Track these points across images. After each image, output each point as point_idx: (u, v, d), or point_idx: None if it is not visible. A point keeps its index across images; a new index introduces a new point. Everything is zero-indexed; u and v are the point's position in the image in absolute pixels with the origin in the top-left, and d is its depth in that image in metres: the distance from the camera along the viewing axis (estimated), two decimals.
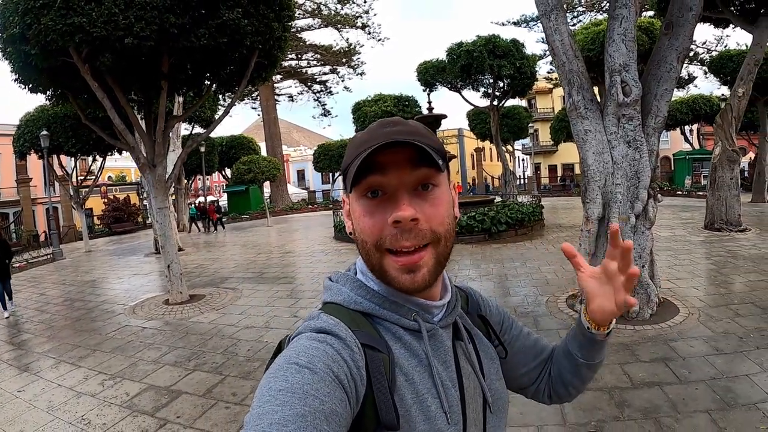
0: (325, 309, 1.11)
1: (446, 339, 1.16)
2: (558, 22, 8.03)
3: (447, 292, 1.21)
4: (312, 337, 0.96)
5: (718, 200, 17.09)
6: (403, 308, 1.10)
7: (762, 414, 4.80)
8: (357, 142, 1.08)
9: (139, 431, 5.42)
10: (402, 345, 1.07)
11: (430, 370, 1.06)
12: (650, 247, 8.08)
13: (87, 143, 22.34)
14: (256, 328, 9.14)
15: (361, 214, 1.06)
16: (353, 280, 1.15)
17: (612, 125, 7.89)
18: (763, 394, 5.20)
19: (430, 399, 1.03)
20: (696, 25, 7.97)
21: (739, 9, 17.74)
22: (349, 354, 0.95)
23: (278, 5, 10.73)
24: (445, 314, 1.17)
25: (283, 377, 0.84)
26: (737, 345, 6.67)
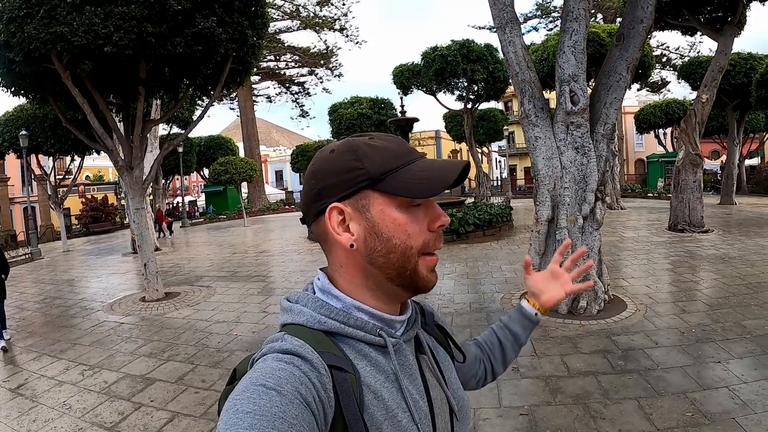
0: (287, 330, 1.09)
1: (410, 353, 1.18)
2: (512, 35, 8.54)
3: (407, 306, 1.24)
4: (278, 358, 0.96)
5: (681, 202, 17.71)
6: (368, 324, 1.10)
7: (690, 402, 5.24)
8: (391, 152, 1.09)
9: (117, 413, 5.87)
10: (368, 362, 1.08)
11: (398, 384, 1.07)
12: (598, 246, 8.60)
13: (66, 143, 22.62)
14: (227, 322, 9.59)
15: (407, 221, 1.08)
16: (314, 299, 1.13)
17: (561, 132, 8.42)
18: (695, 384, 5.67)
19: (401, 414, 1.04)
20: (646, 38, 8.51)
21: (705, 17, 18.35)
22: (316, 376, 0.95)
23: (253, 14, 11.11)
24: (406, 328, 1.20)
25: (250, 399, 0.84)
26: (677, 339, 7.18)
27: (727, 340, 7.00)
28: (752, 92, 23.69)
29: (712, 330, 7.47)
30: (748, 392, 5.39)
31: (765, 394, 5.31)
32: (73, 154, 25.32)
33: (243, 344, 8.24)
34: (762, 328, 7.38)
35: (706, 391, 5.51)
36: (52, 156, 25.39)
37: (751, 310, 8.30)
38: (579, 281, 1.56)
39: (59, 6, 8.73)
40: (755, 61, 25.52)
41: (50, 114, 17.74)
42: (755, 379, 5.72)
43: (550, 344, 7.30)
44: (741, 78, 25.86)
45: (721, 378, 5.80)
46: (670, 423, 4.86)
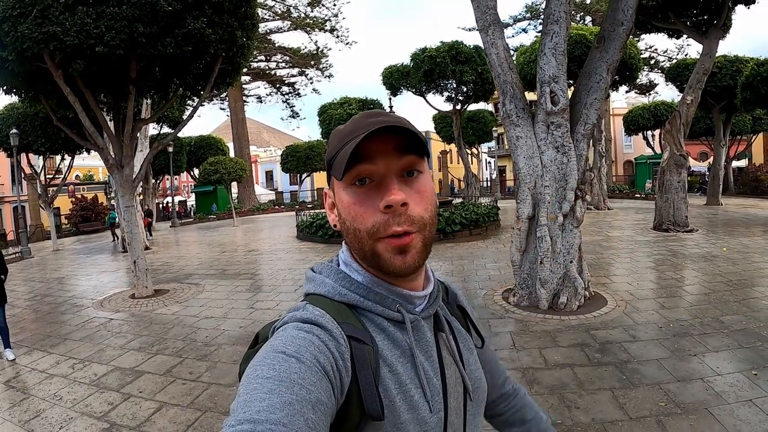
0: (309, 300, 1.13)
1: (428, 330, 1.17)
2: (495, 37, 8.73)
3: (429, 282, 1.23)
4: (298, 327, 0.99)
5: (666, 202, 17.99)
6: (387, 299, 1.12)
7: (664, 393, 5.43)
8: (342, 134, 1.10)
9: (106, 404, 6.01)
10: (386, 336, 1.10)
11: (413, 360, 1.09)
12: (578, 244, 8.80)
13: (56, 142, 22.67)
14: (215, 318, 9.73)
15: (351, 202, 1.08)
16: (337, 271, 1.17)
17: (542, 132, 8.62)
18: (670, 376, 5.85)
19: (414, 389, 1.05)
20: (626, 40, 8.70)
21: (691, 20, 18.61)
22: (335, 345, 0.97)
23: (242, 14, 11.25)
24: (427, 305, 1.20)
25: (270, 365, 0.87)
26: (655, 334, 7.38)
27: (705, 334, 7.20)
28: (738, 94, 23.90)
29: (690, 325, 7.66)
30: (722, 384, 5.57)
31: (738, 386, 5.49)
32: (63, 153, 25.33)
33: (230, 338, 8.38)
34: (739, 323, 7.59)
35: (680, 382, 5.68)
36: (42, 155, 25.36)
37: (729, 306, 8.51)
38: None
39: (52, 6, 8.86)
40: (741, 64, 25.80)
41: (41, 113, 17.81)
42: (729, 371, 5.90)
43: (529, 338, 7.50)
44: (727, 80, 26.18)
45: (696, 370, 5.99)
46: (643, 412, 5.04)
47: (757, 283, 10.14)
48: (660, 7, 17.74)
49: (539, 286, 8.78)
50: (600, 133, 28.78)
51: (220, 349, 7.88)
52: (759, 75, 21.15)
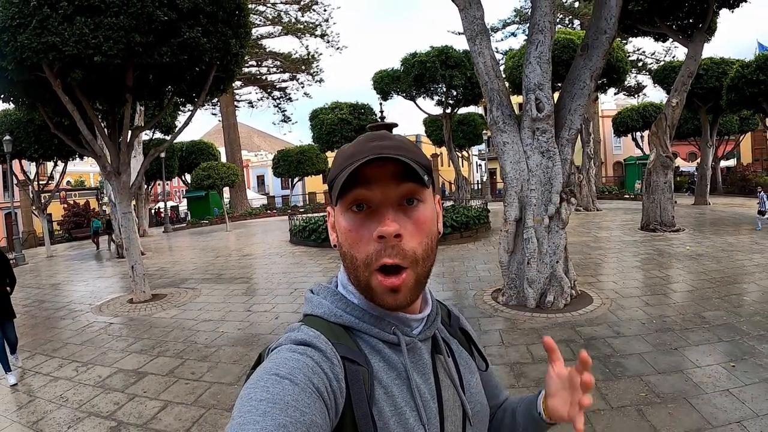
0: (305, 321, 1.13)
1: (425, 352, 1.17)
2: (482, 46, 9.00)
3: (427, 305, 1.23)
4: (292, 349, 0.99)
5: (653, 203, 18.32)
6: (383, 322, 1.12)
7: (645, 384, 5.73)
8: (344, 155, 1.09)
9: (112, 404, 6.23)
10: (381, 358, 1.09)
11: (408, 383, 1.07)
12: (564, 244, 9.10)
13: (49, 148, 22.70)
14: (213, 321, 9.95)
15: (347, 228, 1.07)
16: (333, 293, 1.17)
17: (527, 137, 8.90)
18: (651, 369, 6.16)
19: (409, 412, 1.04)
20: (609, 48, 8.97)
21: (677, 24, 18.92)
22: (329, 366, 0.98)
23: (236, 23, 11.49)
24: (424, 327, 1.19)
25: (263, 388, 0.87)
26: (638, 329, 7.69)
27: (686, 329, 7.50)
28: (723, 96, 24.22)
29: (672, 321, 7.98)
30: (701, 375, 5.88)
31: (716, 377, 5.80)
32: (56, 159, 25.35)
33: (229, 340, 8.60)
34: (720, 319, 7.91)
35: (661, 374, 5.98)
36: (35, 161, 25.43)
37: (712, 303, 8.85)
38: None
39: (51, 16, 9.06)
40: (726, 66, 26.16)
41: (37, 119, 17.90)
42: (708, 364, 6.21)
43: (517, 335, 7.80)
44: (713, 82, 26.56)
45: (677, 363, 6.30)
46: (624, 402, 5.33)
47: (739, 280, 10.47)
48: (646, 11, 17.97)
49: (527, 286, 9.06)
50: (588, 135, 29.15)
51: (221, 350, 8.10)
52: (743, 77, 21.47)
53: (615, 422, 4.98)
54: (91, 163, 52.88)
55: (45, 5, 9.06)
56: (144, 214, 32.76)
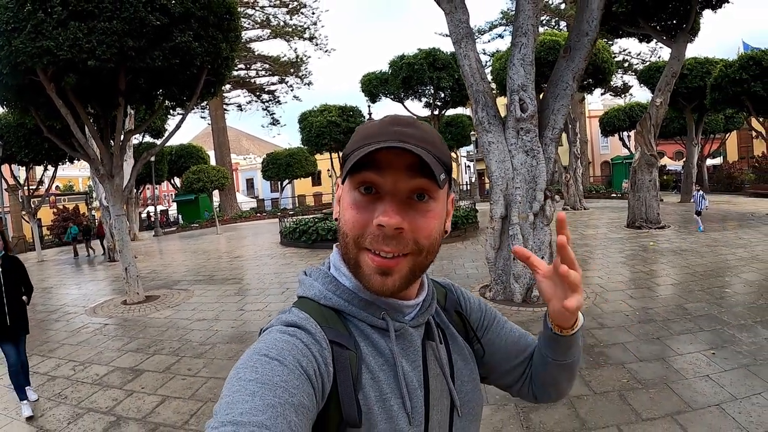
0: (297, 303, 1.12)
1: (416, 338, 1.14)
2: (467, 49, 9.21)
3: (423, 290, 1.19)
4: (282, 330, 0.98)
5: (638, 201, 18.61)
6: (372, 306, 1.09)
7: (627, 371, 5.97)
8: (364, 134, 1.05)
9: (111, 400, 6.39)
10: (369, 343, 1.08)
11: (396, 369, 1.06)
12: (548, 241, 9.32)
13: (39, 152, 22.64)
14: (207, 320, 10.12)
15: (348, 205, 1.05)
16: (325, 274, 1.15)
17: (512, 137, 9.12)
18: (633, 357, 6.41)
19: (394, 399, 1.03)
20: (591, 49, 9.20)
21: (661, 25, 19.24)
22: (317, 349, 0.97)
23: (226, 27, 11.68)
24: (417, 313, 1.16)
25: (252, 368, 0.87)
26: (621, 321, 7.95)
27: (668, 320, 7.77)
28: (707, 95, 24.47)
29: (655, 312, 8.25)
30: (682, 362, 6.13)
31: (697, 364, 6.05)
32: (46, 163, 25.27)
33: (224, 338, 8.78)
34: (702, 310, 8.20)
35: (642, 362, 6.23)
36: (25, 165, 25.44)
37: (694, 295, 9.14)
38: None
39: (45, 21, 9.23)
40: (711, 66, 26.42)
41: (29, 123, 17.91)
42: (689, 351, 6.47)
43: None
44: (698, 81, 26.85)
45: (659, 352, 6.55)
46: (607, 388, 5.56)
47: (721, 273, 10.75)
48: (630, 13, 18.21)
49: (513, 281, 9.28)
50: (575, 135, 29.39)
51: (215, 347, 8.27)
52: (727, 76, 21.73)
53: (598, 406, 5.20)
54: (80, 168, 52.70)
55: (39, 10, 9.20)
56: (134, 218, 32.71)
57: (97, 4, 9.38)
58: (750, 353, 6.30)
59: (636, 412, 5.00)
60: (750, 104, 21.33)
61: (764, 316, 7.71)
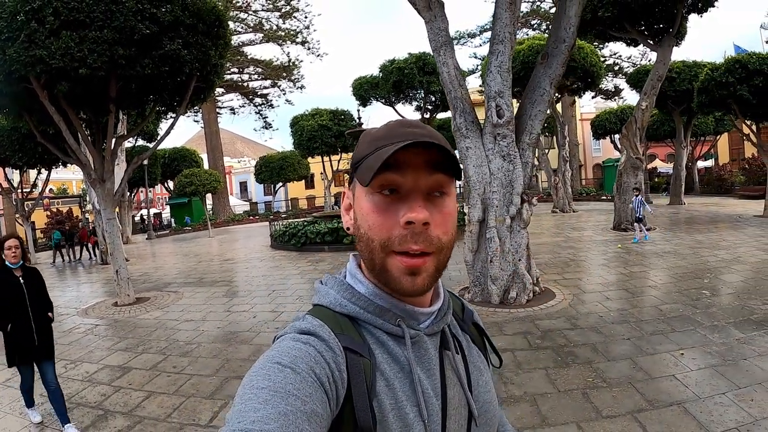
0: (312, 311, 1.12)
1: (432, 347, 1.13)
2: (446, 56, 9.49)
3: (439, 298, 1.19)
4: (295, 338, 0.99)
5: (624, 203, 18.96)
6: (388, 313, 1.09)
7: (593, 370, 6.21)
8: (373, 137, 1.06)
9: (99, 395, 6.66)
10: (385, 350, 1.07)
11: (411, 377, 1.05)
12: (525, 243, 9.60)
13: (33, 156, 22.75)
14: (194, 321, 10.37)
15: (370, 210, 1.04)
16: (341, 282, 1.15)
17: (489, 142, 9.39)
18: (601, 357, 6.67)
19: (409, 407, 1.02)
20: (569, 55, 9.47)
21: (647, 29, 19.59)
22: (331, 356, 0.97)
23: (215, 34, 11.92)
24: (433, 321, 1.15)
25: (265, 376, 0.87)
26: (594, 322, 8.21)
27: (642, 321, 8.04)
28: (694, 98, 24.69)
29: (629, 314, 8.52)
30: (649, 362, 6.39)
31: (664, 363, 6.30)
32: (39, 167, 25.38)
33: (209, 338, 9.04)
34: (677, 311, 8.45)
35: (610, 362, 6.49)
36: (19, 169, 25.50)
37: (671, 296, 9.43)
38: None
39: (38, 31, 9.47)
40: (698, 69, 26.64)
41: (23, 128, 18.01)
42: (658, 352, 6.72)
43: None
44: (686, 84, 27.18)
45: (627, 352, 6.81)
46: (572, 386, 5.82)
47: (700, 275, 10.99)
48: (616, 18, 18.48)
49: (490, 283, 9.56)
50: (564, 139, 29.69)
51: (201, 346, 8.53)
52: (713, 80, 21.92)
53: (560, 404, 5.44)
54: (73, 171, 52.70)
55: (32, 20, 9.44)
56: (127, 221, 32.89)
57: (88, 13, 9.61)
58: (719, 354, 6.51)
59: (597, 410, 5.22)
60: (736, 107, 21.53)
61: (738, 318, 7.93)
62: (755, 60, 20.46)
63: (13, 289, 5.77)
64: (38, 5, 9.41)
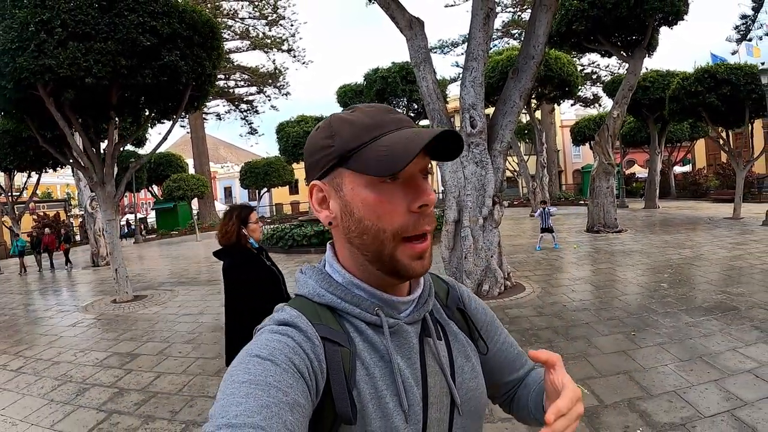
0: (292, 301, 1.12)
1: (413, 335, 1.12)
2: (425, 72, 10.23)
3: (418, 286, 1.18)
4: (273, 330, 0.99)
5: (597, 207, 19.84)
6: (366, 302, 1.08)
7: (553, 348, 6.87)
8: (362, 124, 1.01)
9: (113, 377, 7.30)
10: (364, 339, 1.06)
11: (391, 366, 1.04)
12: (497, 241, 10.40)
13: (24, 159, 23.01)
14: (193, 314, 11.05)
15: (377, 200, 1.00)
16: (319, 271, 1.14)
17: (464, 150, 10.06)
18: (561, 338, 7.53)
19: (389, 396, 1.02)
20: (537, 70, 10.22)
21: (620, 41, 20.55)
22: (310, 346, 0.97)
23: (210, 46, 12.61)
24: (414, 309, 1.14)
25: (245, 369, 0.87)
26: (558, 310, 9.07)
27: (601, 309, 8.89)
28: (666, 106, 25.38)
29: (591, 303, 9.38)
30: (603, 341, 7.20)
31: (617, 342, 7.11)
32: (29, 171, 25.74)
33: (209, 327, 9.74)
34: (635, 301, 9.37)
35: (569, 341, 7.34)
36: (9, 172, 25.77)
37: (630, 288, 10.35)
38: None
39: (47, 41, 10.04)
40: (671, 78, 27.42)
41: (24, 133, 18.02)
42: (613, 333, 7.56)
43: None
44: (659, 93, 28.03)
45: (585, 333, 7.64)
46: None
47: (662, 271, 11.84)
48: (589, 30, 19.28)
49: (465, 278, 10.28)
50: (542, 145, 30.57)
51: (202, 335, 9.24)
52: (683, 88, 22.58)
53: None
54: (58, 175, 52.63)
55: (42, 31, 10.02)
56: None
57: (93, 26, 10.19)
58: (667, 335, 7.27)
59: None
60: (706, 115, 22.27)
61: (690, 306, 8.72)
62: (723, 70, 21.33)
63: (270, 276, 4.79)
64: (47, 17, 9.96)
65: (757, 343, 6.73)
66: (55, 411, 6.26)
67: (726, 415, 4.81)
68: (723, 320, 7.80)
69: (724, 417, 4.79)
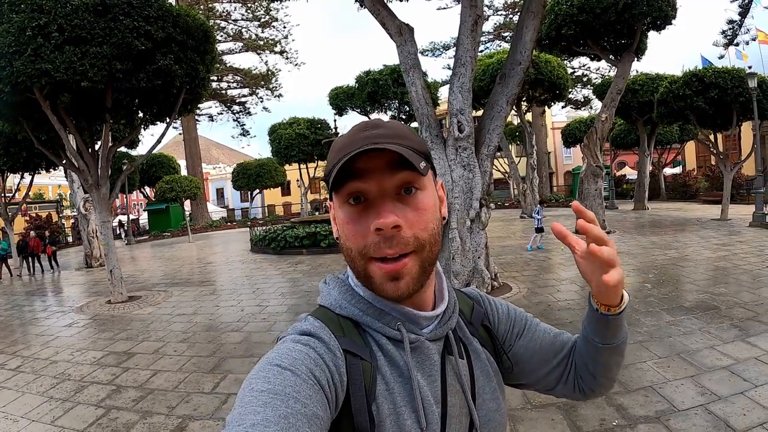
0: (315, 312, 1.11)
1: (434, 352, 1.10)
2: (415, 77, 10.42)
3: (443, 301, 1.16)
4: (296, 340, 0.98)
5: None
6: (388, 317, 1.07)
7: None
8: (338, 147, 1.04)
9: (110, 375, 7.48)
10: (384, 354, 1.05)
11: (411, 383, 1.02)
12: (484, 242, 10.59)
13: (18, 161, 22.81)
14: (187, 314, 11.21)
15: (343, 221, 1.03)
16: (342, 283, 1.14)
17: (452, 154, 10.27)
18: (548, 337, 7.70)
19: (408, 413, 1.01)
20: (524, 76, 10.41)
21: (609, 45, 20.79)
22: (331, 358, 0.96)
23: (203, 50, 12.79)
24: (437, 326, 1.12)
25: (265, 378, 0.86)
26: (543, 309, 9.34)
27: (584, 307, 8.94)
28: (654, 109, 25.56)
29: (575, 302, 9.66)
30: None
31: None
32: (22, 172, 25.61)
33: (203, 327, 9.93)
34: None
35: None
36: (1, 174, 25.66)
37: None
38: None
39: (44, 45, 10.19)
40: (660, 81, 27.50)
41: (20, 134, 17.79)
42: None
43: None
44: (648, 96, 28.17)
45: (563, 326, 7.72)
46: None
47: (647, 271, 12.08)
48: (578, 35, 19.48)
49: (453, 278, 10.42)
50: (532, 148, 30.77)
51: (197, 334, 9.42)
52: (671, 92, 22.72)
53: None
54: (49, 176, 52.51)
55: (39, 35, 10.16)
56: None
57: (89, 30, 10.34)
58: (648, 333, 7.50)
59: None
60: (694, 118, 22.44)
61: (672, 305, 8.95)
62: (711, 73, 21.56)
63: None
64: (44, 22, 10.09)
65: (735, 341, 6.94)
66: (54, 408, 6.42)
67: (700, 409, 5.02)
68: (703, 319, 8.02)
69: (698, 411, 4.99)
